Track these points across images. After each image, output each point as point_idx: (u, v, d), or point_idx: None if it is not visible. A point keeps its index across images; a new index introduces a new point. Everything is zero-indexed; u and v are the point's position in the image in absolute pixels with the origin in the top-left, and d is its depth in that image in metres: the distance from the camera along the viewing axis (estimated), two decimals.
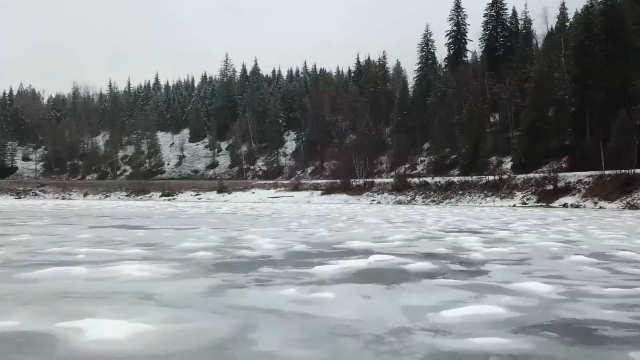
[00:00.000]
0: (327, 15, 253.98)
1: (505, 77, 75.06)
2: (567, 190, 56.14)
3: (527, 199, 58.09)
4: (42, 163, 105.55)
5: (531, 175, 61.26)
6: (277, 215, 27.90)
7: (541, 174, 60.26)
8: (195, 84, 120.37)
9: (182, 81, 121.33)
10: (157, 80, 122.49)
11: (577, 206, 51.60)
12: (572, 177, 57.13)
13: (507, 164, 70.49)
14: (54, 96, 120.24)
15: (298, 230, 16.31)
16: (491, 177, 63.75)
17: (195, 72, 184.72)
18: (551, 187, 57.38)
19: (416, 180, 70.54)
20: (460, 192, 64.85)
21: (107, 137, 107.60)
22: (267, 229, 16.58)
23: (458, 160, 75.99)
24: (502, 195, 60.79)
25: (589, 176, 55.27)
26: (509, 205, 55.79)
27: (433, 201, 64.17)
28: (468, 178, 66.22)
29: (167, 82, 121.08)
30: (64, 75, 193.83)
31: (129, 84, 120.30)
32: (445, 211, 36.34)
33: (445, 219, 24.04)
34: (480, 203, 60.01)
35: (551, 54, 75.45)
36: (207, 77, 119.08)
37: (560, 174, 58.07)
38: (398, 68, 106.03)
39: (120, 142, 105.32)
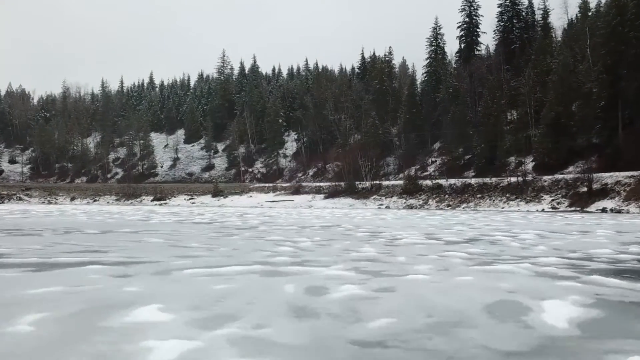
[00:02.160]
0: (328, 13, 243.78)
1: (524, 70, 66.31)
2: (604, 193, 47.19)
3: (558, 203, 49.25)
4: (29, 166, 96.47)
5: (559, 176, 52.73)
6: (267, 226, 18.94)
7: (572, 175, 51.65)
8: (192, 83, 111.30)
9: (178, 80, 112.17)
10: (151, 79, 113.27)
11: (619, 211, 42.64)
12: (608, 178, 48.22)
13: (528, 165, 61.47)
14: (44, 97, 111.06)
15: (287, 272, 7.20)
16: (513, 179, 55.03)
17: (192, 71, 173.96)
18: (585, 189, 48.50)
19: (428, 182, 61.61)
20: (478, 195, 56.01)
21: (98, 139, 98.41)
22: (222, 270, 7.44)
23: (473, 161, 67.03)
24: (528, 198, 51.95)
25: (630, 177, 46.41)
26: (537, 210, 47.15)
27: (449, 205, 55.47)
28: (487, 180, 57.45)
29: (162, 81, 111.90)
30: (57, 75, 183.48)
31: (121, 82, 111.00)
32: (480, 217, 27.40)
33: (520, 235, 14.96)
34: (502, 207, 51.19)
35: (574, 45, 66.66)
36: (204, 75, 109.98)
37: (595, 175, 49.21)
38: (404, 66, 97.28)
39: (112, 144, 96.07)
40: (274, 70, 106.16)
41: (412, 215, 32.50)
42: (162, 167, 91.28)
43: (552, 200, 49.87)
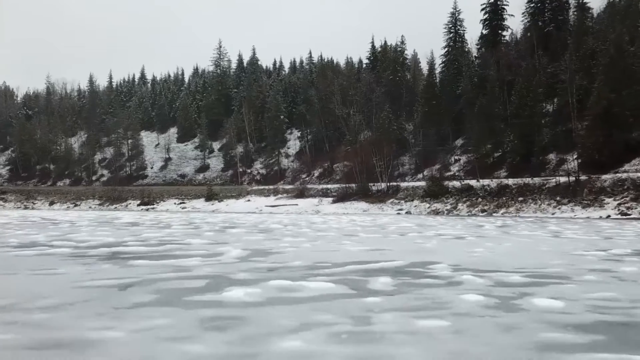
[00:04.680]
0: (331, 14, 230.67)
1: (561, 54, 55.32)
2: None
3: (627, 208, 38.22)
4: (8, 167, 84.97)
5: (623, 175, 42.02)
6: (255, 268, 7.75)
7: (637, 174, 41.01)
8: (186, 78, 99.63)
9: (172, 75, 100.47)
10: (142, 74, 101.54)
11: None
12: None
13: (573, 163, 50.38)
14: (30, 93, 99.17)
15: None
16: (563, 179, 44.22)
17: (187, 66, 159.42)
18: None
19: (456, 183, 50.58)
20: (519, 198, 45.16)
21: (84, 138, 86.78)
22: None
23: (504, 159, 56.03)
24: (584, 202, 41.08)
25: None
26: (601, 217, 36.41)
27: (483, 210, 44.75)
28: (528, 180, 46.68)
29: (154, 76, 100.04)
30: (46, 72, 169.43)
31: (110, 78, 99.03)
32: (574, 227, 16.42)
33: None
34: (553, 213, 40.39)
35: (619, 25, 55.63)
36: (199, 70, 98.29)
37: None
38: (415, 59, 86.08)
39: (99, 144, 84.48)
40: (274, 64, 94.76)
41: (475, 227, 21.31)
42: (152, 168, 79.94)
43: (619, 204, 38.96)
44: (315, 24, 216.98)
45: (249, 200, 60.90)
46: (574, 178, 43.37)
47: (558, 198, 42.73)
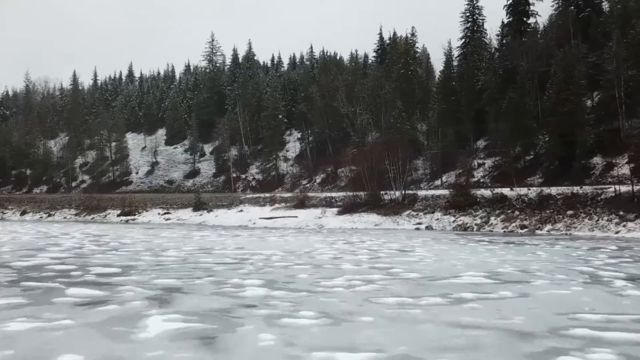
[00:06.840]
0: (330, 7, 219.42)
1: (602, 42, 46.08)
2: None
3: None
4: None
5: None
6: None
7: None
8: (177, 75, 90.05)
9: (161, 72, 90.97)
10: (130, 71, 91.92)
11: None
12: None
13: (624, 168, 41.05)
14: (10, 93, 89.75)
15: None
16: (624, 188, 34.81)
17: (180, 65, 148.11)
18: None
19: (485, 192, 40.98)
20: (568, 211, 35.57)
21: (66, 141, 77.23)
22: None
23: (539, 163, 46.76)
24: None
25: None
26: None
27: (523, 226, 35.32)
28: (576, 189, 37.03)
29: (142, 74, 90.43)
30: (35, 70, 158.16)
31: (95, 75, 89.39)
32: None
33: None
34: (616, 232, 31.13)
35: None
36: (191, 66, 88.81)
37: None
38: (425, 55, 76.75)
39: (80, 147, 74.96)
40: (272, 59, 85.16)
41: (595, 284, 11.82)
42: (137, 173, 70.44)
43: None
44: (315, 24, 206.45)
45: (241, 211, 51.43)
46: (639, 187, 33.84)
47: (621, 212, 33.06)
